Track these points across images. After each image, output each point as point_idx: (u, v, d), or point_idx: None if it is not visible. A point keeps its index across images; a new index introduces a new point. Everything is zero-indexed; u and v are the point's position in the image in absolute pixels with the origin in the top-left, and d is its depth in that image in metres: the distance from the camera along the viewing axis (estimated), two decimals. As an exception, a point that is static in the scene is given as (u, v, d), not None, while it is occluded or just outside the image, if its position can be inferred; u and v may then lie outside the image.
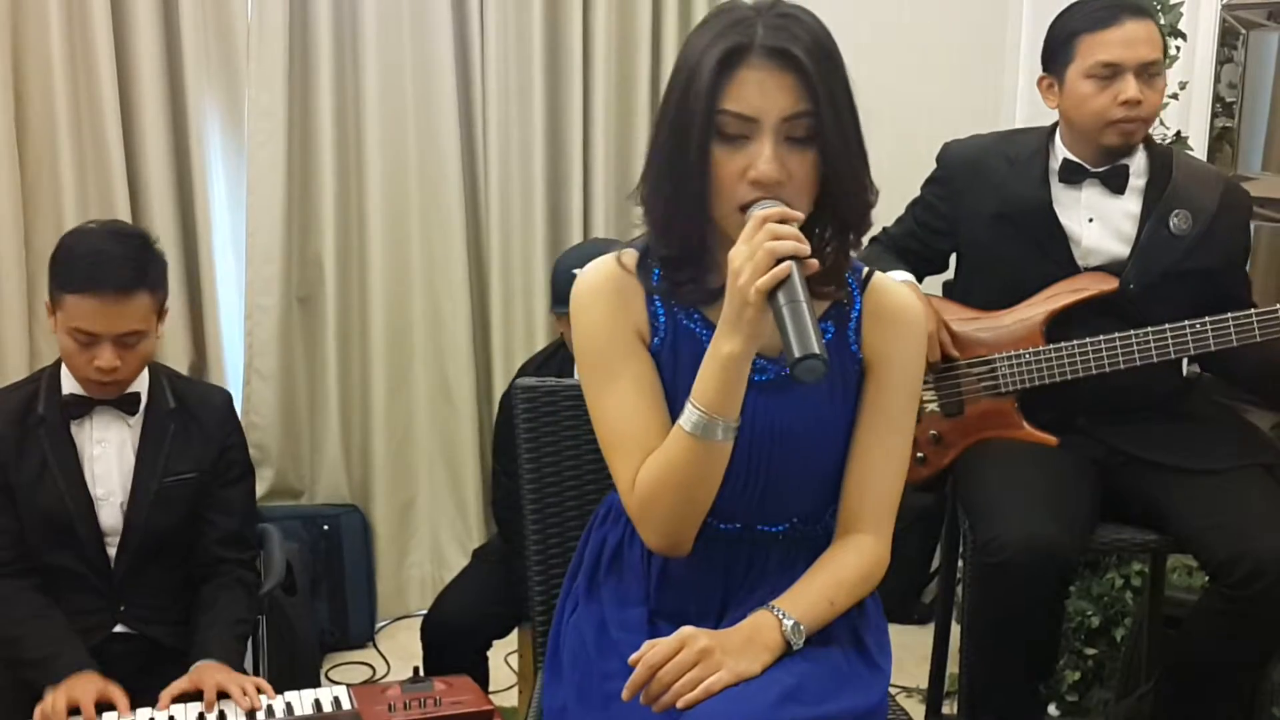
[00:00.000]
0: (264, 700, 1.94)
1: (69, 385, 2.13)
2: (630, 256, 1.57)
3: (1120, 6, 2.24)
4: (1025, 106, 3.70)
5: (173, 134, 3.27)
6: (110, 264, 2.00)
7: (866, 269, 1.60)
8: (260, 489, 3.36)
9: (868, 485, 1.56)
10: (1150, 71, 2.24)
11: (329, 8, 3.32)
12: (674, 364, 1.54)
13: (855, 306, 1.57)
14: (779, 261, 1.34)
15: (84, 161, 3.19)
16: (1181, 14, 2.76)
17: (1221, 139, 2.95)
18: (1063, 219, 2.32)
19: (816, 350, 1.32)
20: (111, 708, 1.91)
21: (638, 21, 3.55)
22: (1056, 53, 2.31)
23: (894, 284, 1.61)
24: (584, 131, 3.56)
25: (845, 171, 1.44)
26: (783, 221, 1.36)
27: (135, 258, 2.05)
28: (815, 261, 1.38)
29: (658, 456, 1.47)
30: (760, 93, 1.41)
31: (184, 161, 3.30)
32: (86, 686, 1.93)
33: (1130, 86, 2.22)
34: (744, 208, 1.41)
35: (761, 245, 1.35)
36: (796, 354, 1.33)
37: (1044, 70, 2.35)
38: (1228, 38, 2.90)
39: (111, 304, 1.99)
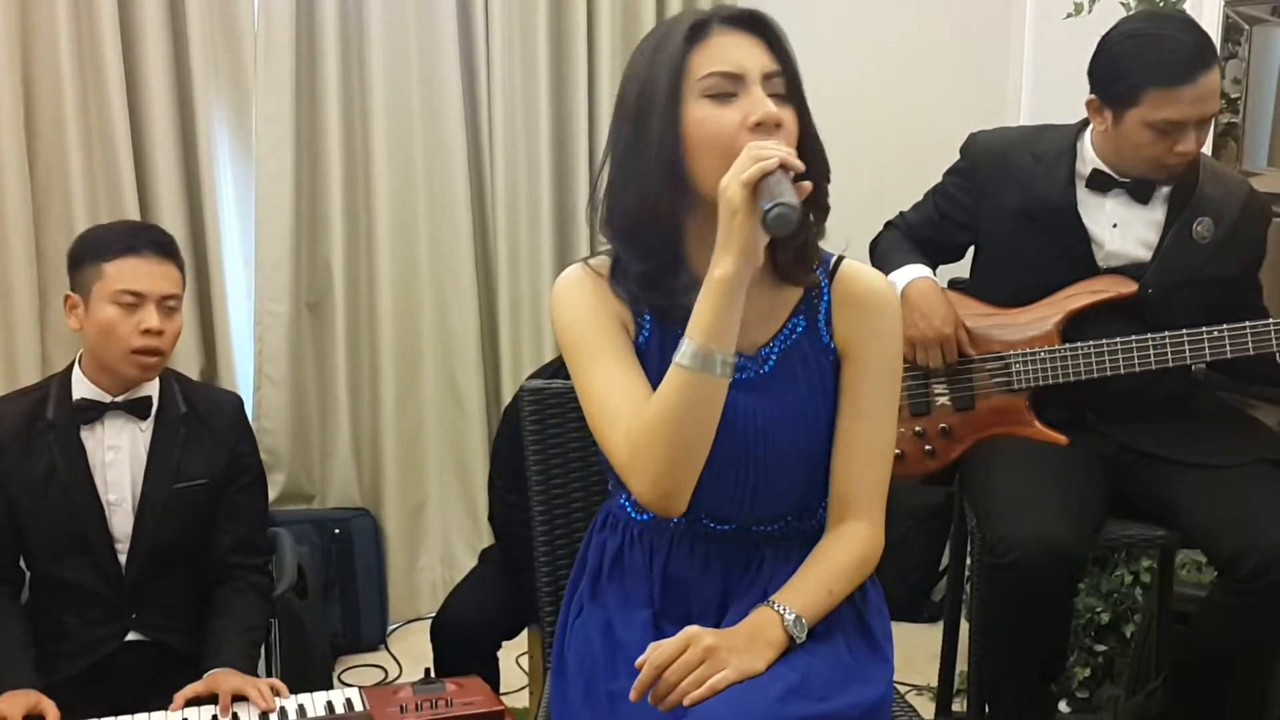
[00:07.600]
0: (278, 702, 1.94)
1: (81, 390, 2.13)
2: (600, 262, 1.58)
3: (1193, 60, 2.13)
4: (1030, 100, 3.70)
5: (181, 141, 3.28)
6: (145, 231, 2.18)
7: (835, 257, 1.59)
8: (271, 493, 3.38)
9: (854, 472, 1.55)
10: (1208, 118, 2.19)
11: (335, 16, 3.33)
12: (660, 364, 1.48)
13: (824, 296, 1.56)
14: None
15: (93, 168, 3.20)
16: (1184, 11, 2.75)
17: (1226, 135, 2.94)
18: (1086, 222, 2.30)
19: (790, 199, 1.28)
20: None
21: (642, 27, 3.55)
22: (1117, 91, 2.19)
23: (864, 268, 1.59)
24: (589, 136, 3.57)
25: (812, 136, 1.47)
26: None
27: (162, 233, 2.20)
28: (808, 184, 1.37)
29: (653, 400, 1.42)
30: (738, 51, 1.44)
31: (193, 169, 3.31)
32: (14, 701, 1.93)
33: (1190, 141, 2.16)
34: None
35: (747, 154, 1.35)
36: (764, 205, 1.29)
37: (1095, 93, 2.24)
38: (1231, 34, 2.89)
39: (155, 263, 2.10)
